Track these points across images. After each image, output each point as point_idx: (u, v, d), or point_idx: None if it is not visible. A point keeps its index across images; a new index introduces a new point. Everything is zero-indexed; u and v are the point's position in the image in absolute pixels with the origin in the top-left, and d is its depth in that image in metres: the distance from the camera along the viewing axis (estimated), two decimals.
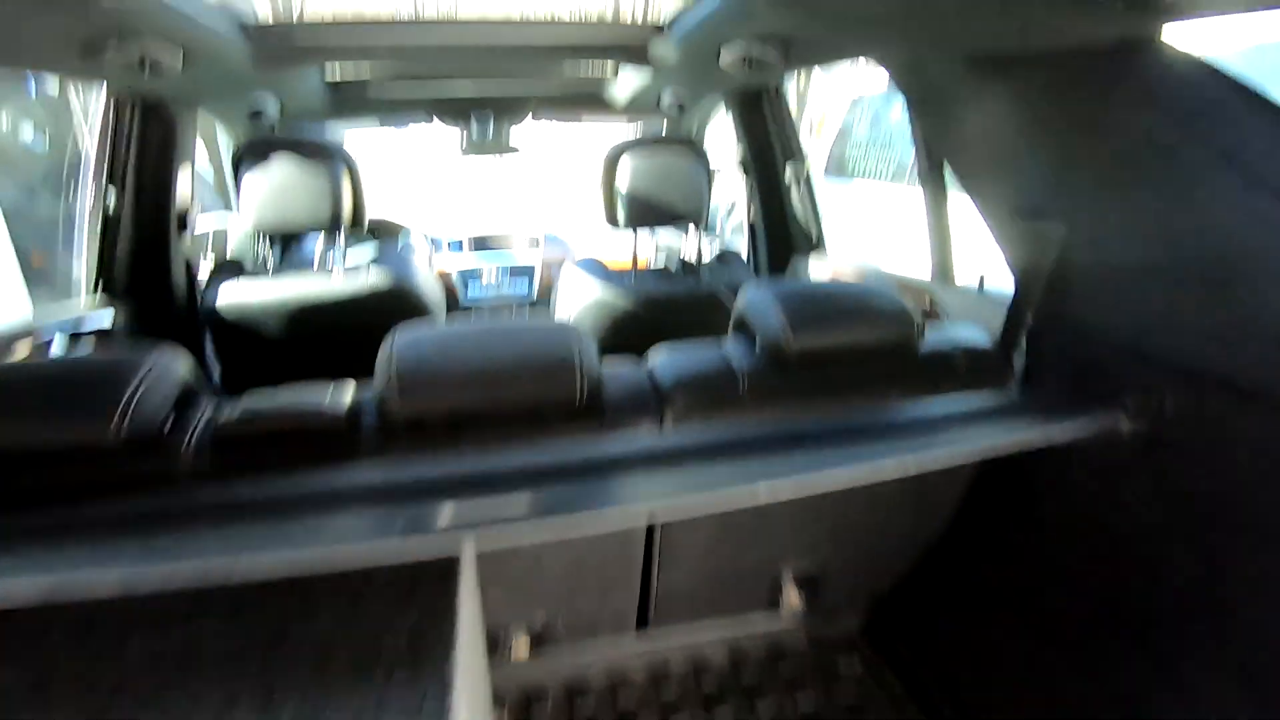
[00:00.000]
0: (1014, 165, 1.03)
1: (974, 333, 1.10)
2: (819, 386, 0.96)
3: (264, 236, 1.68)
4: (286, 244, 2.40)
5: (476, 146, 2.46)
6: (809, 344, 0.95)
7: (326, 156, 1.58)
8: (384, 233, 2.79)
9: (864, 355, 0.99)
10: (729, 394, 0.94)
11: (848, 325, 0.99)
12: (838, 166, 4.66)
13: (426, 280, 1.79)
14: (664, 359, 1.00)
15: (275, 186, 1.56)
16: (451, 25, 1.55)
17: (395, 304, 1.69)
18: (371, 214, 1.73)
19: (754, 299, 1.04)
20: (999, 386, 1.02)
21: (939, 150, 1.35)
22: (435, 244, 2.88)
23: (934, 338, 1.06)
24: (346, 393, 0.88)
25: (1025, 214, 1.01)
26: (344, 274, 1.66)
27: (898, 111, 4.20)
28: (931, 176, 1.37)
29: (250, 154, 1.56)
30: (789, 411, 0.94)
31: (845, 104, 4.67)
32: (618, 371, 0.97)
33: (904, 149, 4.04)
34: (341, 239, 1.67)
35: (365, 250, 1.98)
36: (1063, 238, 0.95)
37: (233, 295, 1.61)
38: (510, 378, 0.87)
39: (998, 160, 1.06)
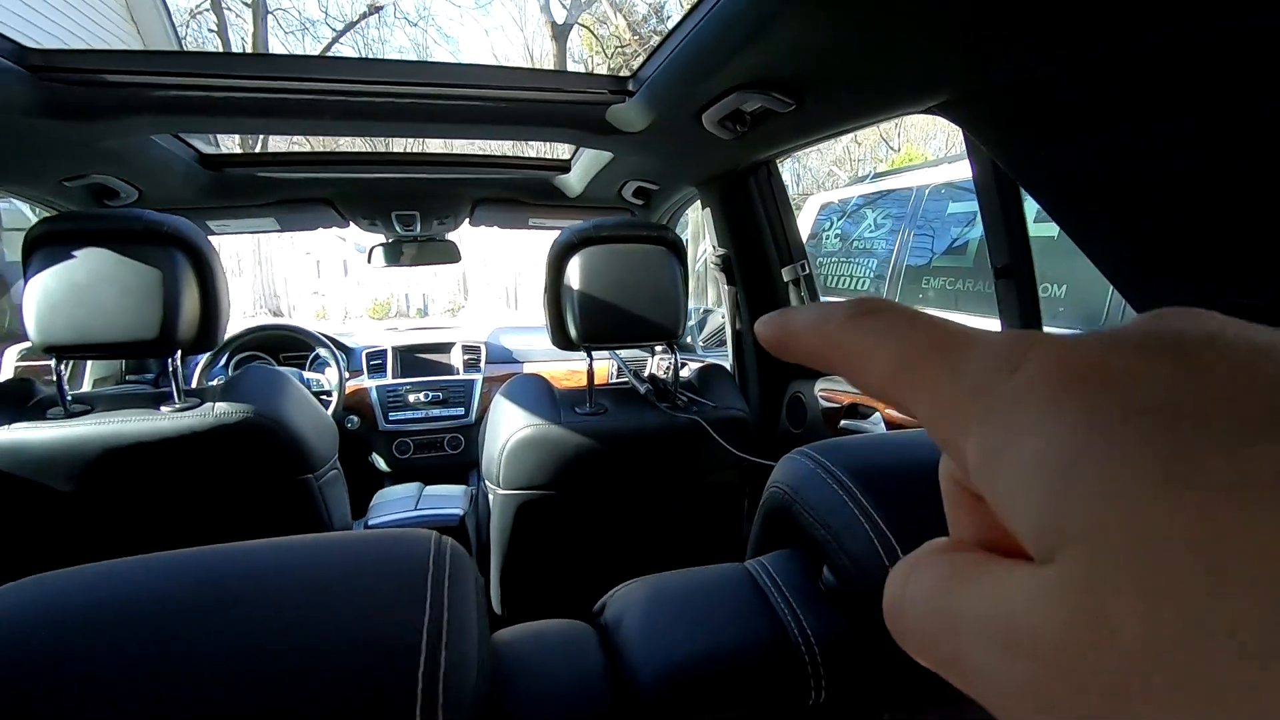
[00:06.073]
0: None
1: None
2: None
3: (57, 359, 1.16)
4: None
5: (396, 255, 2.05)
6: None
7: (158, 241, 1.12)
8: (289, 346, 2.30)
9: None
10: (789, 694, 0.40)
11: None
12: None
13: (303, 412, 1.29)
14: (639, 619, 0.45)
15: (72, 285, 1.08)
16: (358, 69, 1.15)
17: (250, 448, 1.18)
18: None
19: (806, 477, 0.49)
20: None
21: (1058, 215, 0.83)
22: (353, 356, 2.38)
23: None
24: None
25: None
26: (174, 409, 1.16)
27: (867, 219, 4.03)
28: (1013, 263, 0.96)
29: (42, 238, 1.09)
30: None
31: (813, 208, 4.50)
32: (533, 661, 0.41)
33: (877, 263, 3.81)
34: (178, 359, 1.18)
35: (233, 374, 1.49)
36: None
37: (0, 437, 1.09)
38: None
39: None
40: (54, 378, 1.14)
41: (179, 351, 1.17)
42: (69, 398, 1.14)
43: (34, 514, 1.12)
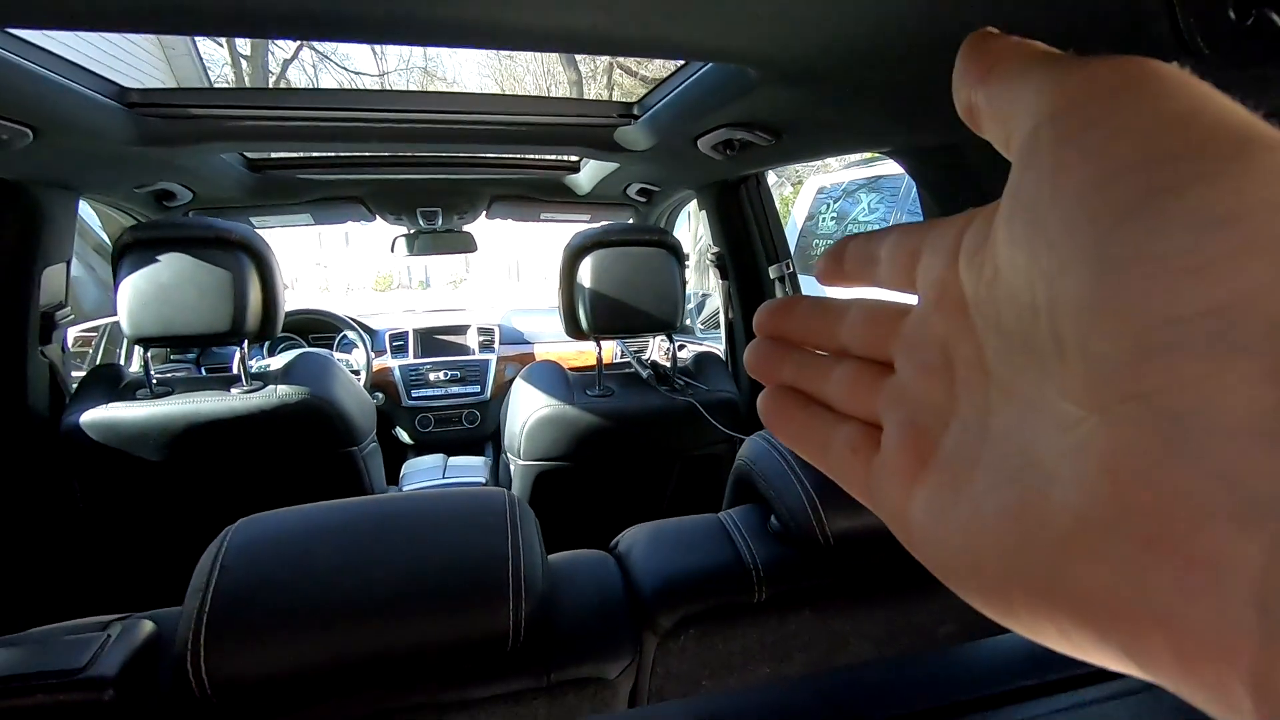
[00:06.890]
0: None
1: None
2: (870, 587, 0.65)
3: (144, 348, 1.36)
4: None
5: (419, 245, 2.23)
6: (850, 525, 0.62)
7: (227, 246, 1.30)
8: (317, 328, 2.50)
9: None
10: (741, 596, 0.61)
11: None
12: (804, 264, 4.57)
13: (349, 392, 1.49)
14: (642, 549, 0.67)
15: (158, 285, 1.27)
16: (397, 100, 1.32)
17: (307, 425, 1.38)
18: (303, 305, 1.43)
19: (761, 454, 0.70)
20: None
21: None
22: (376, 337, 2.58)
23: None
24: (135, 635, 0.53)
25: None
26: (243, 390, 1.36)
27: (861, 202, 4.18)
28: None
29: (130, 245, 1.28)
30: (826, 624, 0.63)
31: (811, 192, 4.65)
32: (574, 574, 0.63)
33: None
34: (244, 347, 1.38)
35: (280, 358, 1.68)
36: None
37: (99, 415, 1.29)
38: (390, 611, 0.50)
39: None
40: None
41: (245, 341, 1.36)
42: (154, 380, 1.34)
43: (127, 479, 1.32)
